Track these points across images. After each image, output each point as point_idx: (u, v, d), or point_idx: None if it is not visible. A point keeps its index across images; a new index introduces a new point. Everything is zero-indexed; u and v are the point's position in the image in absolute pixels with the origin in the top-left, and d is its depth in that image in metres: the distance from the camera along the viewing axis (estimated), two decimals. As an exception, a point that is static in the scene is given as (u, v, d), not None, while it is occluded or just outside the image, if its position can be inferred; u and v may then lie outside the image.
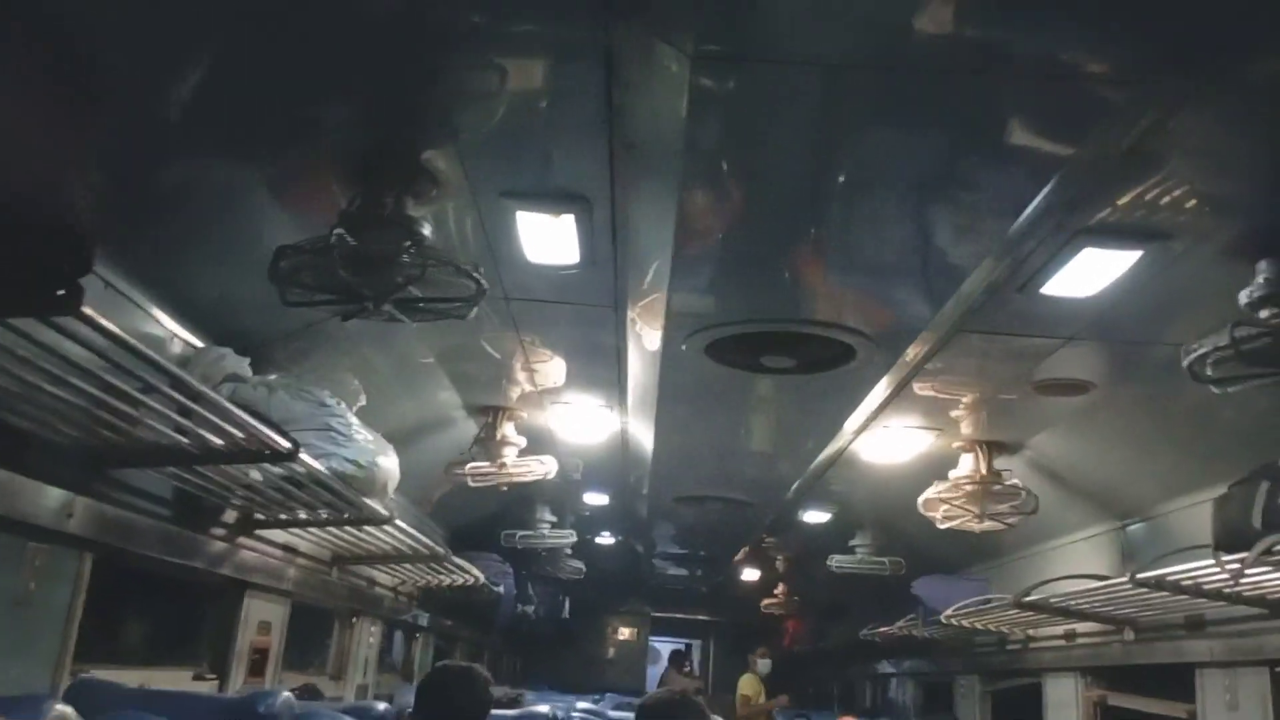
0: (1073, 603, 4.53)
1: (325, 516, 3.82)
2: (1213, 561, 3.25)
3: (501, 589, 7.60)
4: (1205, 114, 2.18)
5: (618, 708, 6.64)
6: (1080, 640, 5.19)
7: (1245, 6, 1.84)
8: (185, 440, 2.69)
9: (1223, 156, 2.38)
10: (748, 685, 9.07)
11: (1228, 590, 3.47)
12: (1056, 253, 2.77)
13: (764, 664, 9.29)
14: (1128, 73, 2.07)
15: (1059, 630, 5.31)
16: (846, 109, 2.32)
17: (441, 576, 5.95)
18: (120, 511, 2.94)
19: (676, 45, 2.08)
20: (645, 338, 3.84)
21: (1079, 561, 5.10)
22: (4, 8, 1.64)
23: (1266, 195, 2.49)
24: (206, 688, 3.75)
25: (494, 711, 3.74)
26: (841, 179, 2.62)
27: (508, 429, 5.09)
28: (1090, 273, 2.84)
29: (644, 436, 5.40)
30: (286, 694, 2.56)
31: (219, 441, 2.72)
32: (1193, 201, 2.52)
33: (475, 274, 2.69)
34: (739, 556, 10.01)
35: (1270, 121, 2.21)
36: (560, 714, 3.56)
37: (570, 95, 2.39)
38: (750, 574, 10.82)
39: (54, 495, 2.59)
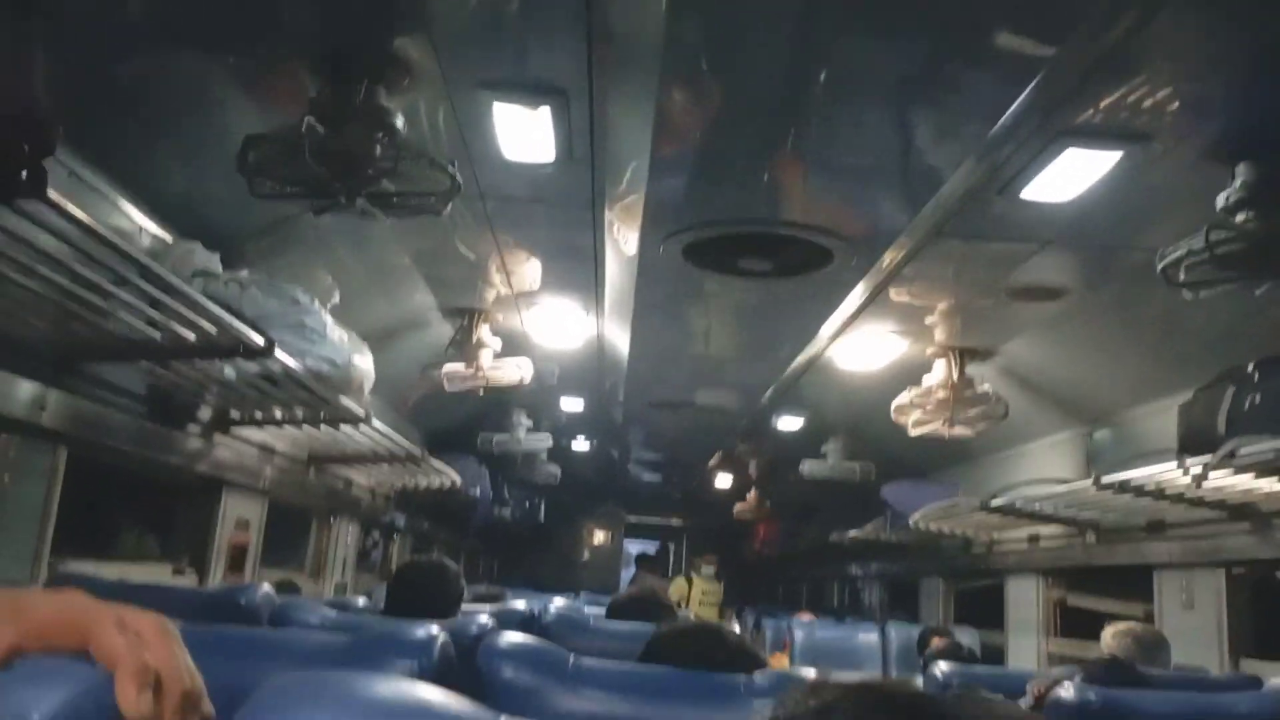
0: (1037, 506, 4.65)
1: (301, 415, 3.82)
2: (1176, 464, 3.32)
3: (478, 491, 7.68)
4: (1186, 14, 2.15)
5: (591, 604, 6.78)
6: (1043, 543, 5.34)
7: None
8: (157, 334, 2.66)
9: (1204, 59, 2.36)
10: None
11: (1189, 494, 3.57)
12: (1037, 154, 2.76)
13: (707, 569, 9.56)
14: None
15: (1023, 534, 5.46)
16: (826, 9, 2.27)
17: (419, 478, 5.99)
18: (93, 405, 2.93)
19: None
20: (622, 239, 3.81)
21: (1045, 466, 5.23)
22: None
23: (1245, 98, 2.48)
24: (186, 583, 3.80)
25: (472, 605, 3.82)
26: (821, 80, 2.58)
27: (483, 332, 5.07)
28: (1070, 175, 2.83)
29: (620, 341, 5.41)
30: (266, 586, 2.59)
31: (191, 336, 2.70)
32: (1174, 104, 2.50)
33: (450, 168, 2.65)
34: (712, 462, 10.16)
35: (1251, 22, 2.19)
36: (536, 609, 3.66)
37: (548, -18, 2.32)
38: (723, 480, 10.99)
39: (25, 388, 2.57)
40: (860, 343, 4.91)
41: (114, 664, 0.76)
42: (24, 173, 1.64)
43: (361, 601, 3.82)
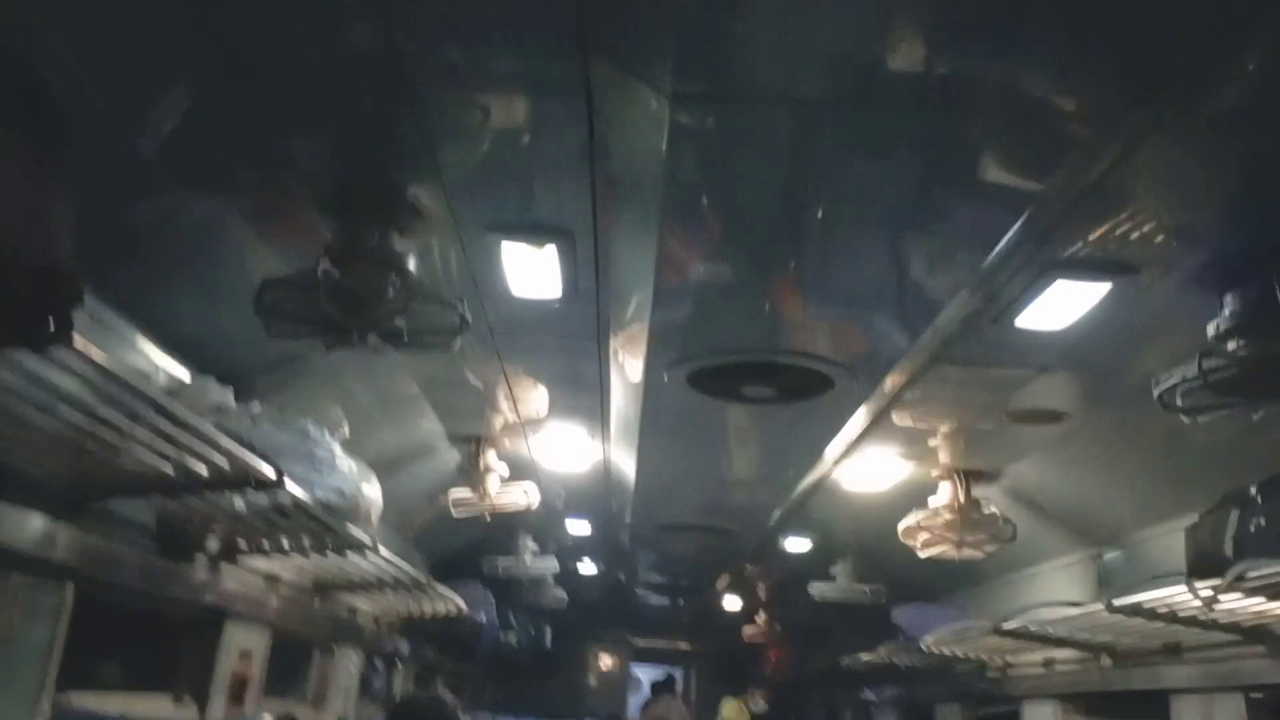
0: (1050, 630, 4.57)
1: (308, 544, 3.82)
2: (1186, 588, 3.29)
3: (483, 617, 7.56)
4: (1169, 146, 2.25)
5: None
6: (1058, 667, 5.22)
7: (1200, 39, 1.91)
8: (170, 469, 2.70)
9: (1188, 188, 2.45)
10: (733, 711, 8.99)
11: (1202, 617, 3.51)
12: (1029, 285, 2.84)
13: (761, 704, 9.24)
14: (1092, 107, 2.14)
15: (1038, 657, 5.34)
16: (821, 145, 2.38)
17: (424, 605, 5.92)
18: (103, 541, 2.93)
19: (652, 84, 2.14)
20: (627, 368, 3.88)
21: (1056, 588, 5.15)
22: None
23: (1231, 227, 2.56)
24: (186, 714, 3.73)
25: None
26: (818, 213, 2.69)
27: (490, 458, 5.11)
28: (1062, 305, 2.91)
29: (626, 465, 5.43)
30: (268, 717, 2.56)
31: (204, 469, 2.73)
32: (1160, 234, 2.59)
33: (459, 306, 2.73)
34: (721, 584, 10.01)
35: (1231, 152, 2.29)
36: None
37: (552, 130, 2.45)
38: (732, 602, 10.81)
39: (36, 524, 2.59)
40: (865, 465, 4.92)
41: None
42: (51, 323, 1.70)
43: (364, 737, 3.74)
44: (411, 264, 2.68)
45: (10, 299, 1.66)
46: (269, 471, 2.83)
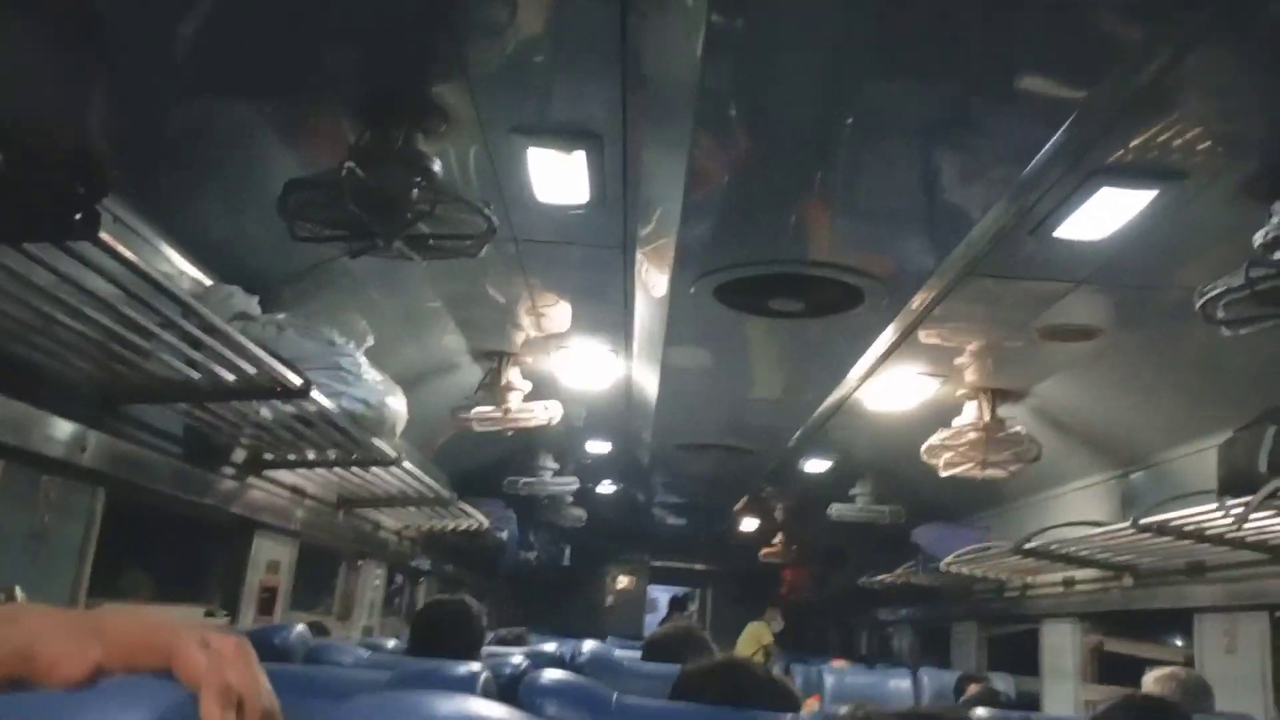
0: (1073, 549, 4.58)
1: (333, 457, 3.84)
2: (1216, 506, 3.27)
3: (505, 534, 7.66)
4: (1220, 52, 2.15)
5: (621, 648, 6.73)
6: (1079, 587, 5.25)
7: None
8: (197, 375, 2.69)
9: (1238, 96, 2.36)
10: (756, 636, 9.06)
11: (1230, 535, 3.50)
12: (1070, 194, 2.76)
13: (778, 624, 9.33)
14: (1141, 8, 2.04)
15: (1058, 577, 5.37)
16: (858, 51, 2.30)
17: (446, 521, 6.00)
18: (133, 447, 2.96)
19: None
20: (652, 281, 3.83)
21: (1080, 509, 5.14)
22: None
23: (1280, 135, 2.48)
24: (218, 624, 3.80)
25: (501, 646, 3.79)
26: (851, 122, 2.60)
27: (513, 374, 5.10)
28: (1104, 214, 2.83)
29: (648, 383, 5.42)
30: (301, 627, 2.59)
31: (231, 377, 2.73)
32: (1208, 141, 2.50)
33: (485, 211, 2.68)
34: (739, 505, 10.09)
35: (1283, 59, 2.19)
36: (568, 651, 3.64)
37: (583, 29, 2.36)
38: (750, 523, 10.91)
39: (67, 429, 2.60)
40: (890, 384, 4.89)
41: (197, 683, 0.76)
42: (78, 215, 1.67)
43: (391, 644, 3.80)
44: (437, 166, 2.62)
45: (36, 191, 1.63)
46: (295, 380, 2.83)
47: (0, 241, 1.76)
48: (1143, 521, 3.67)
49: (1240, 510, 3.14)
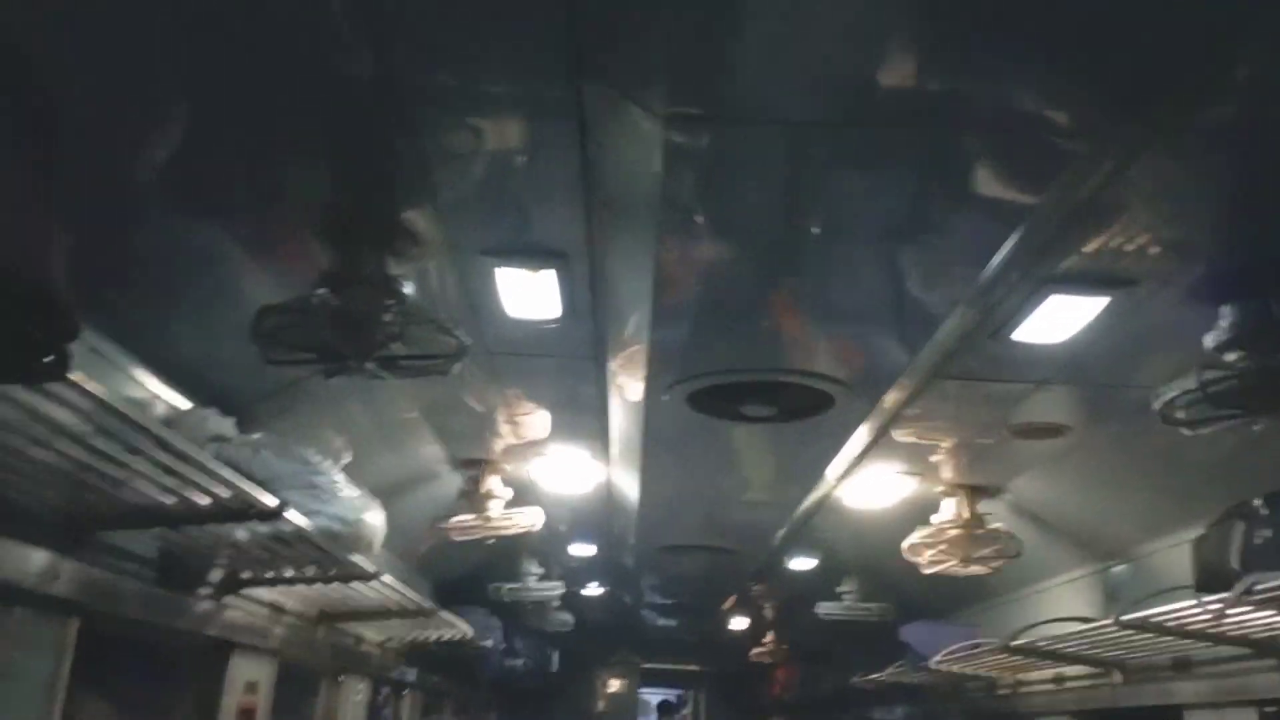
0: (1060, 646, 4.54)
1: (312, 574, 3.81)
2: (1195, 602, 3.27)
3: (490, 642, 7.53)
4: (1161, 161, 2.25)
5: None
6: (1069, 684, 5.18)
7: (1190, 55, 1.91)
8: (171, 501, 2.69)
9: (1183, 202, 2.45)
10: None
11: (1211, 630, 3.49)
12: (1025, 300, 2.84)
13: None
14: (1085, 123, 2.14)
15: (1049, 674, 5.31)
16: (815, 164, 2.39)
17: (429, 631, 5.90)
18: (106, 574, 2.92)
19: (646, 106, 2.15)
20: (627, 389, 3.88)
21: (1065, 603, 5.12)
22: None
23: (1227, 240, 2.56)
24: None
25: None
26: (814, 231, 2.69)
27: (493, 482, 5.10)
28: (1059, 318, 2.91)
29: (629, 486, 5.42)
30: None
31: (205, 501, 2.73)
32: (1156, 247, 2.59)
33: (456, 332, 2.73)
34: (727, 605, 9.96)
35: (1224, 167, 2.29)
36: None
37: (546, 154, 2.45)
38: (739, 622, 10.75)
39: (38, 558, 2.58)
40: (868, 482, 4.91)
41: None
42: (47, 357, 1.71)
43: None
44: (408, 289, 2.67)
45: (7, 333, 1.67)
46: (270, 502, 2.83)
47: (-31, 383, 1.79)
48: (1125, 618, 3.65)
49: (1218, 606, 3.14)
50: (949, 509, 4.80)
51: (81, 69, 2.00)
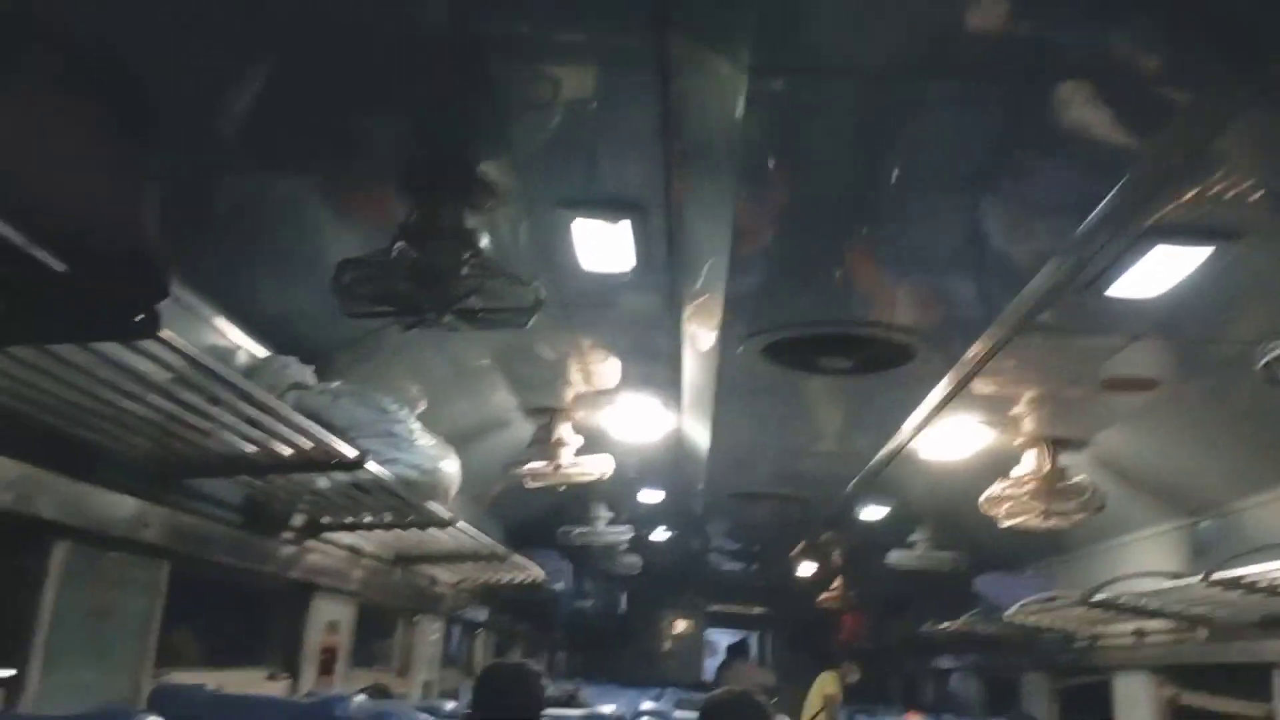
0: (1143, 602, 4.45)
1: (389, 520, 3.88)
2: (1290, 562, 3.16)
3: (560, 585, 7.65)
4: (1270, 110, 2.12)
5: (680, 705, 6.66)
6: (1150, 639, 5.09)
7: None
8: (255, 450, 2.75)
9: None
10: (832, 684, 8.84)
11: (1306, 591, 3.38)
12: (1124, 252, 2.72)
13: (852, 675, 9.12)
14: (1194, 73, 2.04)
15: (1128, 628, 5.21)
16: (897, 115, 2.31)
17: (502, 574, 6.01)
18: (194, 519, 3.01)
19: (730, 56, 2.08)
20: (701, 340, 3.84)
21: (1146, 558, 5.00)
22: (66, 43, 1.70)
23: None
24: (279, 687, 3.84)
25: (557, 711, 3.77)
26: (895, 183, 2.61)
27: (564, 429, 5.12)
28: (1159, 271, 2.79)
29: (700, 435, 5.40)
30: (360, 696, 2.61)
31: (287, 451, 2.78)
32: (1264, 199, 2.45)
33: (533, 284, 2.72)
34: (795, 551, 9.96)
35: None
36: (626, 716, 3.61)
37: (625, 104, 2.40)
38: (807, 568, 10.75)
39: (130, 505, 2.66)
40: (946, 434, 4.82)
41: None
42: (140, 315, 1.73)
43: (450, 706, 3.81)
44: (485, 242, 2.66)
45: (102, 290, 1.69)
46: (350, 452, 2.87)
47: (67, 340, 1.82)
48: (1216, 576, 3.55)
49: (1315, 568, 3.03)
50: (1030, 461, 4.69)
51: (163, 28, 2.00)
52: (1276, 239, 2.58)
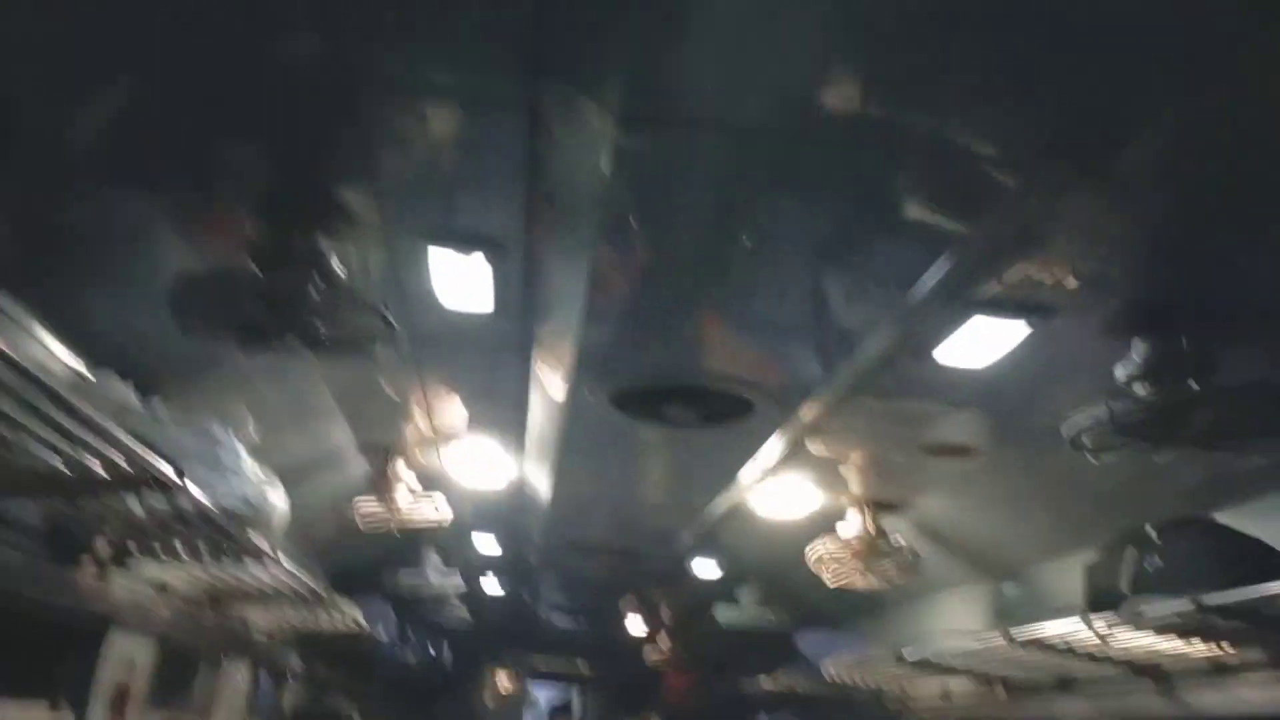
0: (948, 659, 4.66)
1: (205, 551, 3.67)
2: (1082, 620, 3.39)
3: (383, 634, 7.38)
4: (1086, 197, 2.33)
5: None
6: (956, 699, 5.32)
7: (1120, 100, 1.99)
8: (64, 466, 2.56)
9: (1105, 238, 2.54)
10: None
11: (1097, 651, 3.63)
12: (949, 322, 2.91)
13: None
14: (1017, 158, 2.22)
15: (936, 688, 5.44)
16: (757, 174, 2.42)
17: (322, 618, 5.74)
18: (-13, 543, 2.77)
19: (603, 105, 2.13)
20: (550, 385, 3.85)
21: (956, 616, 5.28)
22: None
23: (1144, 277, 2.67)
24: (63, 726, 3.53)
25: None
26: (750, 242, 2.72)
27: (401, 469, 4.99)
28: (981, 342, 2.99)
29: (541, 483, 5.38)
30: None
31: (101, 468, 2.60)
32: (1078, 279, 2.67)
33: (384, 313, 2.67)
34: (626, 606, 9.96)
35: (1147, 207, 2.38)
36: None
37: (491, 145, 2.43)
38: (636, 624, 10.74)
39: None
40: (778, 491, 4.96)
41: None
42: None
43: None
44: (338, 268, 2.60)
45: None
46: (170, 472, 2.72)
47: None
48: (1015, 634, 3.77)
49: (1105, 628, 3.26)
50: (854, 522, 4.88)
51: (14, 38, 1.90)
52: (1088, 317, 2.81)
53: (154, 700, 4.35)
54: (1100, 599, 3.45)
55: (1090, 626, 3.34)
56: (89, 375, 3.08)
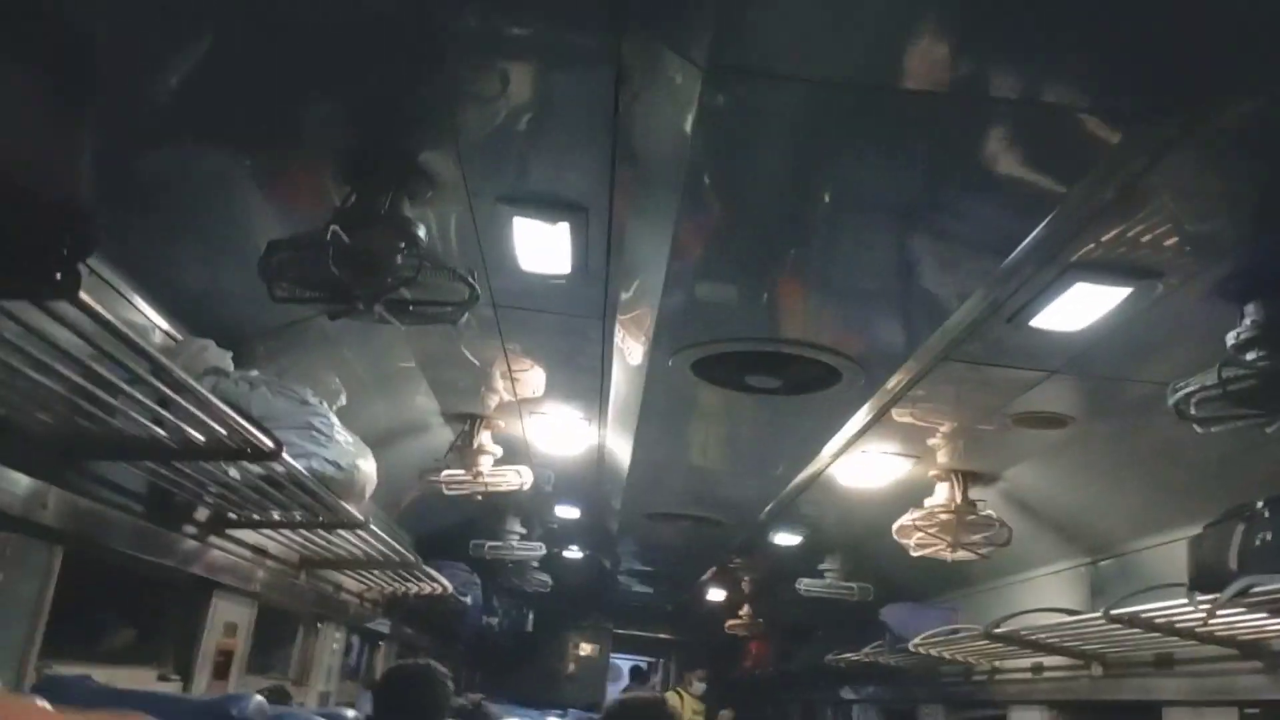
0: (1042, 636, 4.55)
1: (299, 518, 3.76)
2: (1186, 600, 3.27)
3: (468, 599, 7.52)
4: (1193, 156, 2.21)
5: (582, 723, 6.60)
6: (1047, 674, 5.20)
7: (1225, 52, 1.88)
8: (164, 434, 2.63)
9: (1210, 199, 2.41)
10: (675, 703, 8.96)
11: (1200, 629, 3.50)
12: (1047, 286, 2.80)
13: (699, 685, 9.22)
14: (1120, 115, 2.11)
15: (1026, 663, 5.33)
16: (846, 129, 2.33)
17: (410, 584, 5.88)
18: (93, 504, 2.87)
19: (688, 57, 2.09)
20: (630, 351, 3.83)
21: (1047, 595, 5.13)
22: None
23: (1254, 238, 2.52)
24: (170, 689, 3.67)
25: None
26: (836, 203, 2.65)
27: (484, 437, 5.05)
28: (1079, 307, 2.87)
29: (621, 451, 5.39)
30: (258, 698, 2.51)
31: (200, 437, 2.67)
32: (1183, 242, 2.55)
33: (469, 279, 2.67)
34: (706, 576, 9.99)
35: (1255, 165, 2.25)
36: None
37: (575, 103, 2.39)
38: (716, 594, 10.79)
39: (26, 484, 2.52)
40: (863, 462, 4.89)
41: None
42: (59, 274, 1.64)
43: (350, 713, 3.69)
44: (422, 232, 2.61)
45: (21, 244, 1.60)
46: (267, 442, 2.77)
47: (-26, 296, 1.73)
48: (1114, 612, 3.66)
49: (1209, 605, 3.14)
50: (942, 493, 4.79)
51: None
52: (1194, 281, 2.68)
53: (253, 666, 4.50)
54: (1206, 576, 3.32)
55: (1196, 604, 3.22)
56: (184, 340, 3.16)
